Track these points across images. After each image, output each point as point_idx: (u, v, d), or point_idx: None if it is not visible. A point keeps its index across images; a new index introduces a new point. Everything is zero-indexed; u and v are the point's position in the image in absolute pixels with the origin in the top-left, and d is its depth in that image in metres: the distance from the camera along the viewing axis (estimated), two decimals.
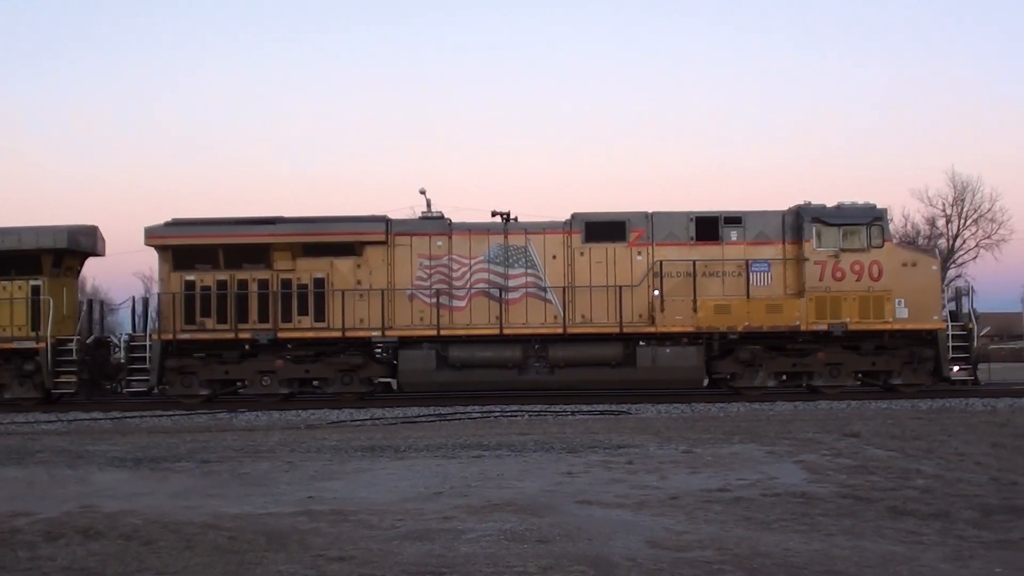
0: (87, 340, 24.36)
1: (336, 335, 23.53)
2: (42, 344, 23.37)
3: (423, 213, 24.56)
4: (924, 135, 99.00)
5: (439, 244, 23.96)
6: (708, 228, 23.90)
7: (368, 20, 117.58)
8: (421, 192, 24.71)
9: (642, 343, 23.61)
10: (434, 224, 24.17)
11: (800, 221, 23.73)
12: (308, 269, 23.77)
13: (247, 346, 23.69)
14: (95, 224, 25.19)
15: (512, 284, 23.88)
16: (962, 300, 24.93)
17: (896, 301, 23.48)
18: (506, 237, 24.02)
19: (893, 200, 75.82)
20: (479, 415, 20.72)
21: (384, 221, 24.18)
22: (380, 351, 24.10)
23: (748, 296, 23.60)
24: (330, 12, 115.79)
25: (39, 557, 7.38)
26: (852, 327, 23.40)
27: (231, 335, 23.52)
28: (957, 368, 23.81)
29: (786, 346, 23.89)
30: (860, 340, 23.79)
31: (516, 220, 24.32)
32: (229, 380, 24.15)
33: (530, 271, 23.95)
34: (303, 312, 23.70)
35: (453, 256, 23.91)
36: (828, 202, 23.95)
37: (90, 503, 9.68)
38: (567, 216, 24.31)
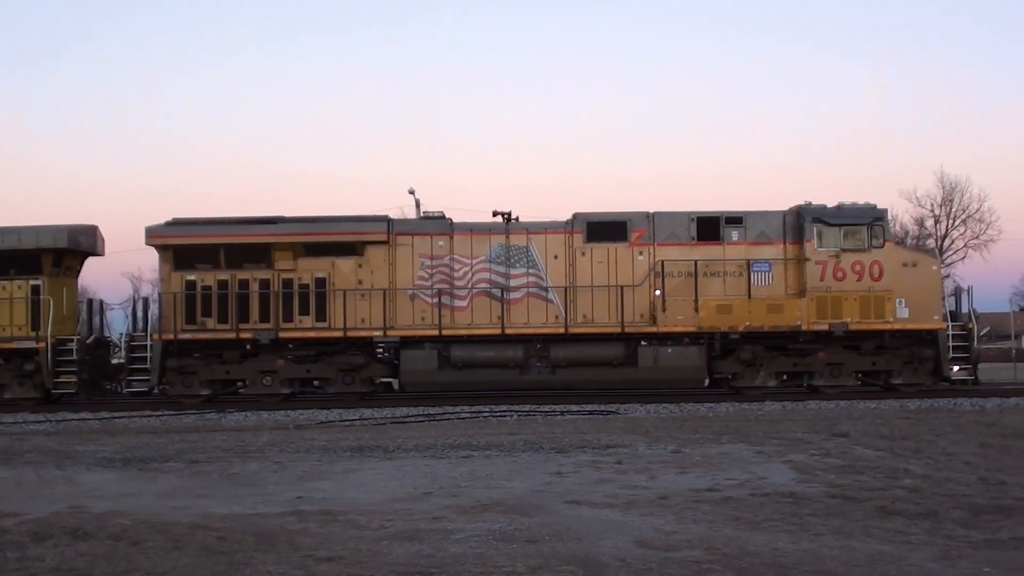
0: (87, 340, 23.74)
1: (338, 335, 23.02)
2: (42, 344, 22.79)
3: (424, 213, 24.05)
4: (913, 136, 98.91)
5: (441, 244, 23.46)
6: (709, 228, 23.47)
7: (368, 20, 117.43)
8: (410, 192, 24.20)
9: (644, 343, 23.18)
10: (436, 224, 23.67)
11: (801, 221, 23.33)
12: (309, 269, 23.29)
13: (248, 346, 23.18)
14: (94, 224, 24.65)
15: (514, 284, 23.41)
16: (961, 300, 24.46)
17: (897, 301, 23.12)
18: (507, 237, 23.54)
19: (881, 201, 75.35)
20: (468, 415, 20.29)
21: (386, 221, 23.73)
22: (382, 351, 23.68)
23: (749, 296, 23.19)
24: (331, 12, 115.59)
25: (27, 558, 7.19)
26: (853, 327, 23.00)
27: (232, 335, 23.00)
28: (957, 368, 23.43)
29: (787, 346, 23.49)
30: (861, 340, 23.40)
31: (517, 220, 23.89)
32: (230, 380, 23.61)
33: (531, 271, 23.47)
34: (304, 312, 23.21)
35: (455, 256, 23.42)
36: (822, 202, 23.53)
37: (78, 503, 9.52)
38: (568, 216, 23.85)
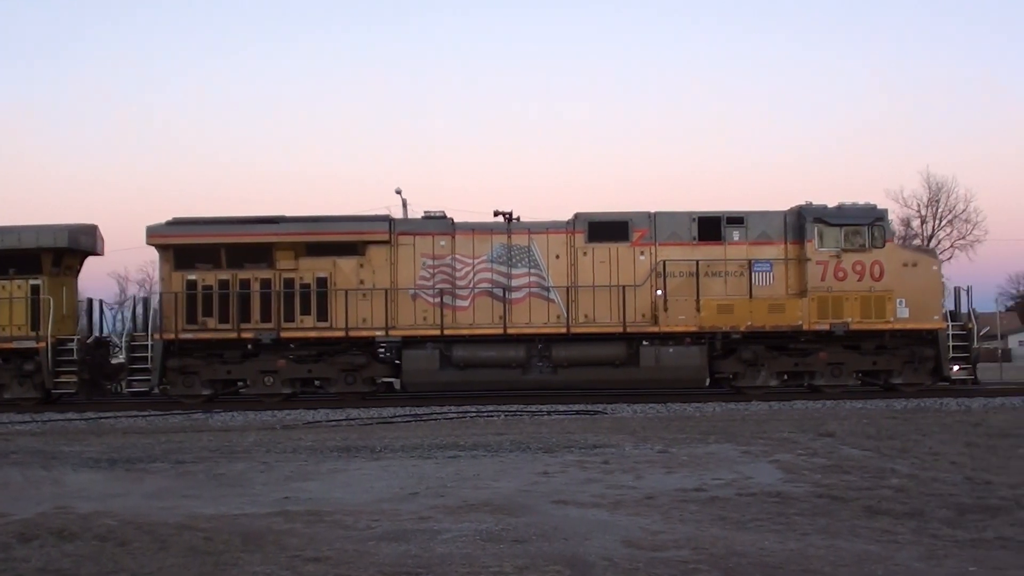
0: (87, 340, 23.04)
1: (339, 335, 22.39)
2: (42, 344, 22.10)
3: (426, 213, 23.43)
4: (899, 136, 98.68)
5: (442, 244, 22.86)
6: (711, 228, 22.93)
7: (369, 20, 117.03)
8: (397, 192, 23.57)
9: (645, 343, 22.65)
10: (437, 224, 23.07)
11: (802, 221, 22.83)
12: (311, 268, 22.68)
13: (249, 346, 22.57)
14: (94, 223, 23.96)
15: (515, 284, 22.82)
16: (961, 300, 23.94)
17: (897, 301, 22.63)
18: (509, 237, 22.96)
19: (866, 200, 75.02)
20: (455, 415, 19.74)
21: (387, 220, 23.18)
22: (383, 351, 23.08)
23: (751, 296, 22.67)
24: (331, 12, 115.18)
25: (13, 559, 6.91)
26: (854, 327, 22.50)
27: (233, 335, 22.37)
28: (957, 367, 22.96)
29: (788, 346, 22.97)
30: (861, 340, 22.91)
31: (519, 220, 23.34)
32: (231, 380, 22.97)
33: (533, 271, 22.89)
34: (306, 312, 22.59)
35: (456, 256, 22.83)
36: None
37: (64, 504, 9.24)
38: (570, 216, 23.28)
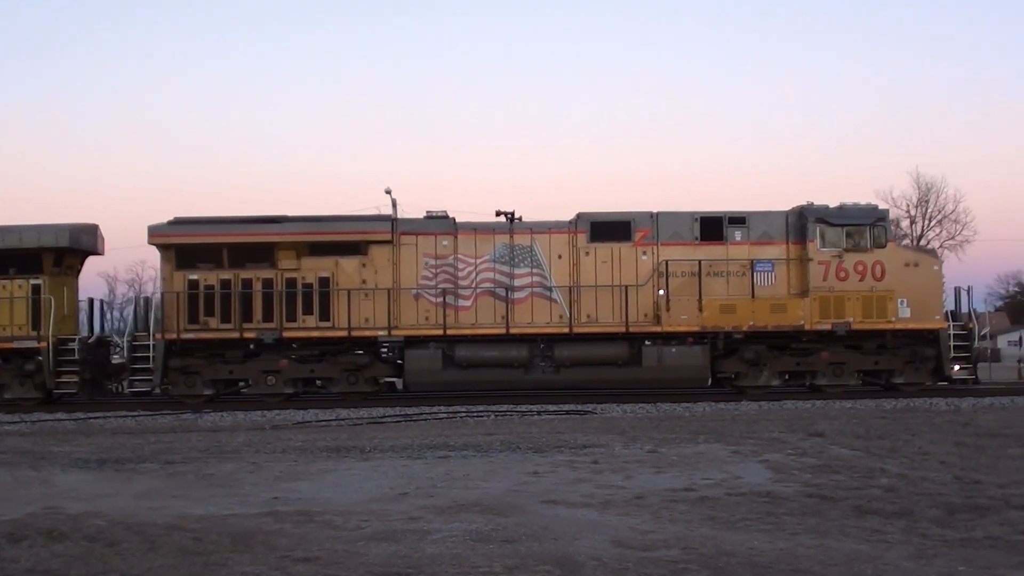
0: (89, 339, 22.55)
1: (341, 334, 21.95)
2: (43, 344, 21.62)
3: (428, 212, 22.97)
4: (889, 136, 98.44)
5: (444, 244, 22.45)
6: (713, 228, 22.55)
7: (371, 20, 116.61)
8: (387, 192, 23.05)
9: (648, 343, 22.23)
10: (440, 224, 22.64)
11: (804, 221, 22.47)
12: (313, 268, 22.25)
13: (251, 345, 22.13)
14: (95, 223, 23.49)
15: (518, 284, 22.41)
16: (961, 300, 23.55)
17: (899, 301, 22.25)
18: (511, 237, 22.55)
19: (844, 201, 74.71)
20: (445, 415, 19.37)
21: (390, 220, 22.71)
22: (386, 351, 22.55)
23: (753, 296, 22.30)
24: (333, 12, 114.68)
25: (2, 559, 6.80)
26: (856, 327, 22.13)
27: (236, 334, 21.93)
28: (958, 367, 22.57)
29: (790, 345, 22.57)
30: (863, 339, 22.53)
31: (521, 220, 22.91)
32: (232, 380, 22.50)
33: (535, 271, 22.47)
34: (308, 311, 22.15)
35: (458, 256, 22.41)
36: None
37: (54, 504, 9.15)
38: (572, 216, 22.87)
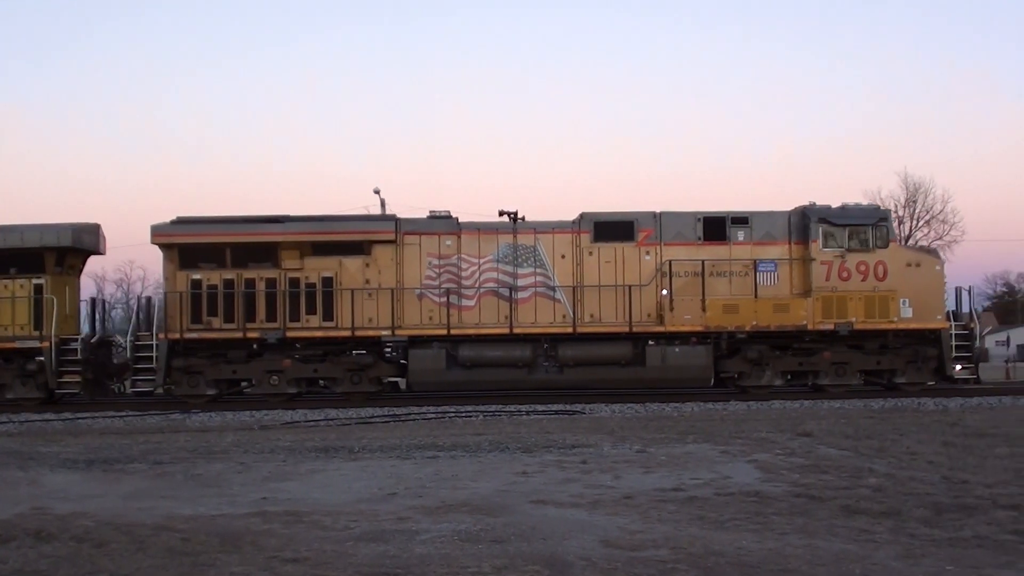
0: (91, 339, 22.09)
1: (345, 334, 21.55)
2: (45, 343, 21.16)
3: (431, 212, 22.57)
4: (877, 136, 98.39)
5: (448, 243, 22.05)
6: (715, 228, 22.23)
7: (373, 20, 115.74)
8: (375, 192, 22.65)
9: (651, 342, 21.90)
10: (443, 223, 22.24)
11: (806, 221, 22.17)
12: (316, 268, 21.84)
13: (255, 345, 21.71)
14: (96, 222, 22.99)
15: (521, 283, 22.04)
16: (963, 300, 23.30)
17: (901, 301, 21.98)
18: (515, 236, 22.16)
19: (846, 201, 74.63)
20: (434, 415, 19.01)
21: (393, 220, 22.36)
22: (389, 350, 22.17)
23: (755, 296, 21.99)
24: (334, 13, 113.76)
25: None
26: (858, 327, 21.83)
27: (239, 334, 21.51)
28: (960, 367, 22.31)
29: (792, 345, 22.28)
30: (865, 339, 22.25)
31: (524, 220, 22.51)
32: (235, 380, 22.10)
33: (539, 270, 22.11)
34: (311, 311, 21.75)
35: (462, 255, 22.03)
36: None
37: (41, 505, 8.96)
38: (575, 216, 22.48)
